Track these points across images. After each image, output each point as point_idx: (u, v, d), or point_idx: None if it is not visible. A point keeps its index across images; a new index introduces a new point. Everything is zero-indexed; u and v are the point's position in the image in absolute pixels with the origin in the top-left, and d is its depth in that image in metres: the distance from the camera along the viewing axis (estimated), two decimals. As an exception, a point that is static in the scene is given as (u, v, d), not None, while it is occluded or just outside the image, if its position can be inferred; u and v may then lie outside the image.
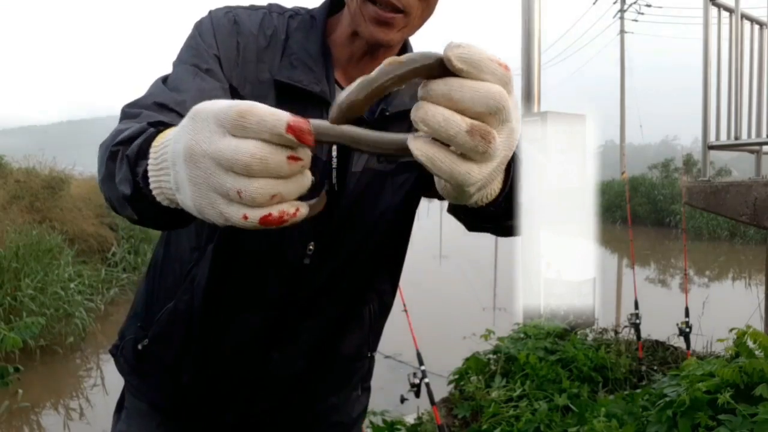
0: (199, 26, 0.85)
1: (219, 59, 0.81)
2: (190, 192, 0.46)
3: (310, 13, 0.90)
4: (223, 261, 0.87)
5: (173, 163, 0.47)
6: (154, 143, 0.53)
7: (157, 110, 0.70)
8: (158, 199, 0.53)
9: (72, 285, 6.21)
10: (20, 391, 3.77)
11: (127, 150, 0.57)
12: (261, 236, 0.82)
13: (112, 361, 1.04)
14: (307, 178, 0.47)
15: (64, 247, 7.03)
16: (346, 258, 0.91)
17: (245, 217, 0.44)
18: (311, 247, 0.86)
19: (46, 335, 5.10)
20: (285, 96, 0.81)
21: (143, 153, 0.54)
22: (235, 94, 0.80)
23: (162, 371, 0.95)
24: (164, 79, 0.79)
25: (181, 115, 0.67)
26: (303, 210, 0.46)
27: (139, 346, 0.94)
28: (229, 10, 0.87)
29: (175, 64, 0.81)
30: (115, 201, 0.61)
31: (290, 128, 0.43)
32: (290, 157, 0.44)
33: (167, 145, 0.50)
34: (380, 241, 0.93)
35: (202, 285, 0.88)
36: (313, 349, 0.95)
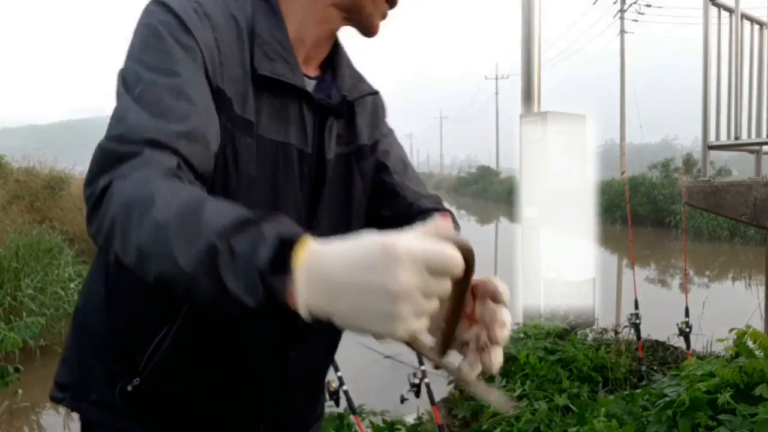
0: (165, 24, 0.73)
1: (204, 62, 0.73)
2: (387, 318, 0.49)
3: None
4: None
5: (358, 293, 0.48)
6: (301, 265, 0.50)
7: (152, 147, 0.64)
8: (300, 311, 0.51)
9: (72, 285, 6.21)
10: (20, 391, 3.76)
11: (245, 254, 0.52)
12: None
13: None
14: None
15: (64, 247, 7.03)
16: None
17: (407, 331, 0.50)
18: None
19: (46, 335, 5.09)
20: (263, 90, 0.78)
21: (280, 267, 0.51)
22: (220, 96, 0.74)
23: (171, 402, 0.83)
24: (131, 90, 0.69)
25: (176, 152, 0.64)
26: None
27: (129, 387, 0.79)
28: (193, 1, 0.78)
29: (142, 72, 0.70)
30: (206, 298, 0.55)
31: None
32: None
33: (336, 274, 0.49)
34: (354, 227, 0.92)
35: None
36: (319, 342, 0.94)
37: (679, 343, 3.82)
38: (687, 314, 3.69)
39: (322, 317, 0.51)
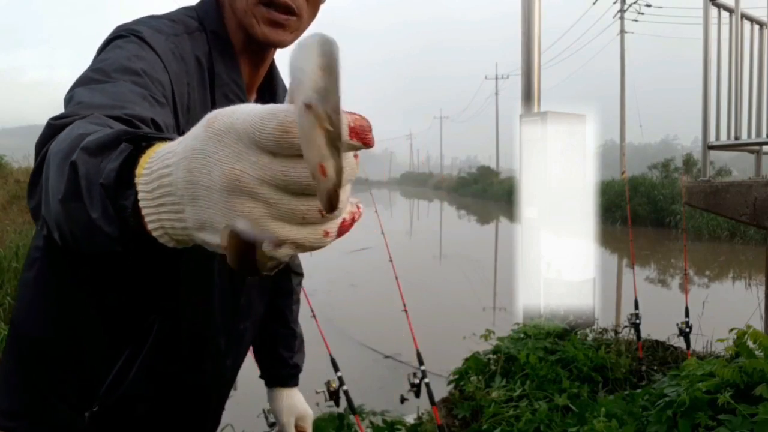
0: (136, 49, 0.70)
1: (174, 99, 0.71)
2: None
3: (207, 28, 0.83)
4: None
5: (192, 197, 0.37)
6: (142, 169, 0.40)
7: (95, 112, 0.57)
8: (162, 240, 0.41)
9: (72, 285, 6.21)
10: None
11: (99, 173, 0.43)
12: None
13: None
14: None
15: (64, 247, 7.03)
16: None
17: (327, 234, 0.38)
18: None
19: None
20: None
21: (125, 181, 0.41)
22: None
23: (131, 423, 0.83)
24: (90, 81, 0.65)
25: (119, 118, 0.56)
26: (362, 207, 0.41)
27: (86, 414, 0.78)
28: (165, 36, 0.76)
29: (102, 79, 0.66)
30: (81, 230, 0.46)
31: (353, 132, 0.36)
32: (355, 155, 0.38)
33: (167, 174, 0.39)
34: None
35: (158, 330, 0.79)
36: (246, 345, 1.01)
37: (679, 343, 3.82)
38: (687, 314, 3.69)
39: (188, 243, 0.41)
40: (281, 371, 1.26)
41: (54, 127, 0.56)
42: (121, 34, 0.74)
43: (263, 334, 1.21)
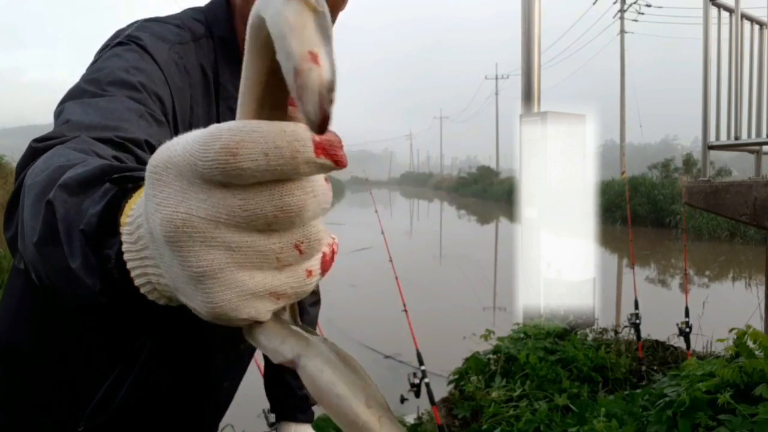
0: (136, 59, 0.66)
1: (175, 118, 0.67)
2: (203, 291, 0.30)
3: (215, 33, 0.79)
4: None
5: (158, 252, 0.31)
6: (126, 217, 0.34)
7: (79, 134, 0.52)
8: (152, 297, 0.34)
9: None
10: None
11: (81, 216, 0.37)
12: None
13: None
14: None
15: (64, 247, 7.03)
16: None
17: (310, 274, 0.31)
18: None
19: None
20: None
21: (109, 228, 0.35)
22: None
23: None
24: (81, 94, 0.61)
25: (107, 140, 0.52)
26: (337, 240, 0.35)
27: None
28: (170, 45, 0.71)
29: (97, 92, 0.61)
30: (60, 279, 0.39)
31: (319, 148, 0.29)
32: (325, 179, 0.31)
33: (141, 224, 0.32)
34: None
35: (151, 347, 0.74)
36: (244, 366, 0.94)
37: (679, 343, 3.82)
38: (687, 314, 3.69)
39: (178, 302, 0.33)
40: (288, 401, 1.17)
41: (36, 151, 0.51)
42: (121, 41, 0.70)
43: (269, 360, 1.16)
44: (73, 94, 0.62)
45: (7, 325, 0.77)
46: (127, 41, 0.70)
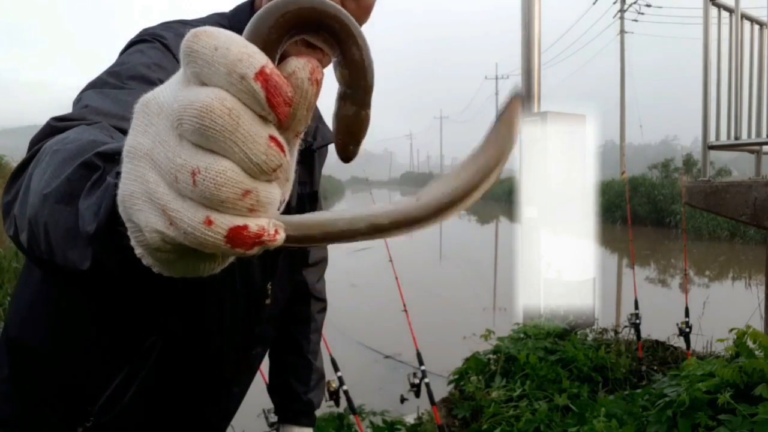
0: (158, 56, 0.68)
1: None
2: (120, 191, 0.30)
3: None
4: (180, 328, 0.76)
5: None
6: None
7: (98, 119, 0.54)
8: (137, 252, 0.32)
9: (72, 285, 6.20)
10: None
11: (110, 171, 0.39)
12: (222, 285, 0.75)
13: None
14: (284, 189, 0.31)
15: (64, 247, 7.03)
16: (292, 285, 0.95)
17: (209, 222, 0.28)
18: (269, 287, 0.85)
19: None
20: None
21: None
22: None
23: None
24: (105, 84, 0.63)
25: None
26: (281, 234, 0.30)
27: (79, 429, 0.75)
28: None
29: (117, 84, 0.63)
30: (59, 235, 0.41)
31: (262, 76, 0.27)
32: (271, 138, 0.28)
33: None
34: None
35: (159, 347, 0.75)
36: (254, 372, 0.97)
37: (679, 343, 3.82)
38: (687, 314, 3.69)
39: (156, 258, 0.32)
40: (293, 405, 1.16)
41: (55, 128, 0.52)
42: (145, 38, 0.71)
43: (275, 363, 1.14)
44: (95, 84, 0.64)
45: (19, 319, 0.77)
46: (152, 39, 0.71)
